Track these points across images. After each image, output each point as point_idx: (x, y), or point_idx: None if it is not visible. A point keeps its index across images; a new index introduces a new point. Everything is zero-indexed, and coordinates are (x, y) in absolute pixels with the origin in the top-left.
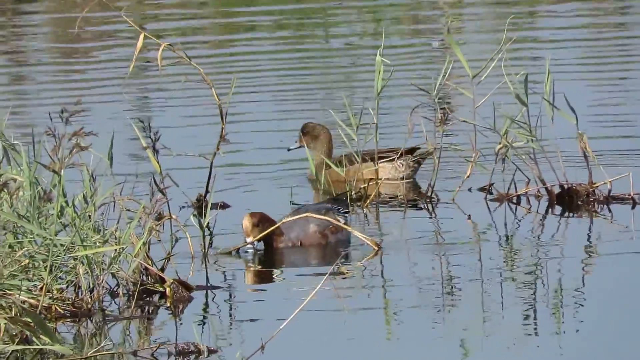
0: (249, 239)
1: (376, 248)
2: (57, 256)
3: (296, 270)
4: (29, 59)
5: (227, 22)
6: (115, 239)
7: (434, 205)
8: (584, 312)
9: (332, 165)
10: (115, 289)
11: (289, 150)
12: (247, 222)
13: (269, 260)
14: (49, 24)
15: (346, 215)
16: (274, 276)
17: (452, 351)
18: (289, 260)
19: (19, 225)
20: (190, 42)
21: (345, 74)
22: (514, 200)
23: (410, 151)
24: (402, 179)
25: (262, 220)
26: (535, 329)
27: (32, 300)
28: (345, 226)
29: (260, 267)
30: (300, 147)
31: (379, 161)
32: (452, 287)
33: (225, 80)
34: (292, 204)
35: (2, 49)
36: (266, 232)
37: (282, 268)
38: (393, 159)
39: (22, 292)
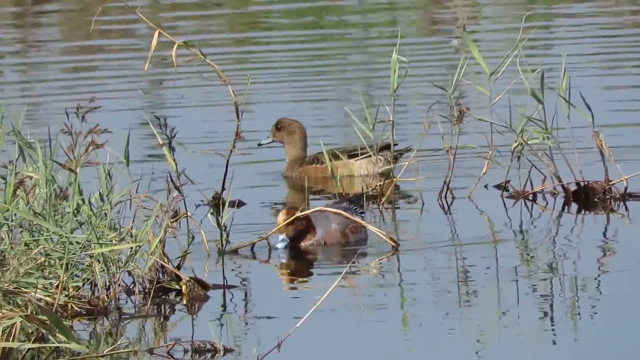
0: (281, 236)
1: (395, 246)
2: (73, 254)
3: (312, 268)
4: (45, 56)
5: (243, 21)
6: (132, 236)
7: (449, 202)
8: (600, 310)
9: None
10: (131, 287)
11: (260, 145)
12: (282, 218)
13: (285, 259)
14: (65, 22)
15: (362, 215)
16: (290, 274)
17: (468, 348)
18: (305, 259)
19: (35, 223)
20: (206, 40)
21: (362, 70)
22: (530, 198)
23: (387, 147)
24: (381, 174)
25: (296, 217)
26: (552, 326)
27: (48, 298)
28: (364, 223)
29: (276, 265)
30: (272, 142)
31: (356, 158)
32: (468, 285)
33: (241, 75)
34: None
35: (18, 47)
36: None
37: (299, 266)
38: (370, 155)
39: (38, 290)
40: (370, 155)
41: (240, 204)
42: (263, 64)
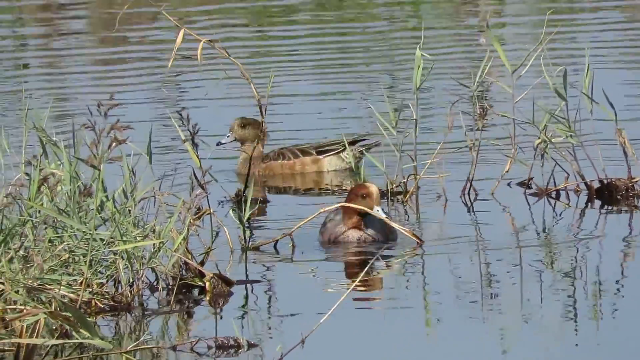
0: (378, 207)
1: (418, 242)
2: (97, 251)
3: (335, 264)
4: (70, 52)
5: (265, 13)
6: (155, 233)
7: (472, 199)
8: (623, 309)
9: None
10: (154, 284)
11: (220, 144)
12: (376, 189)
13: (307, 255)
14: (90, 21)
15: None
16: (313, 270)
17: (491, 346)
18: (328, 255)
19: (59, 219)
20: (230, 37)
21: (385, 65)
22: (553, 195)
23: (353, 142)
24: (349, 169)
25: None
26: (575, 325)
27: (72, 295)
28: (388, 220)
29: (299, 261)
30: (232, 141)
31: (324, 155)
32: (491, 282)
33: (264, 70)
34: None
35: (44, 44)
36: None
37: (322, 262)
38: (339, 151)
39: (62, 287)
40: (339, 151)
41: (263, 200)
42: (284, 58)
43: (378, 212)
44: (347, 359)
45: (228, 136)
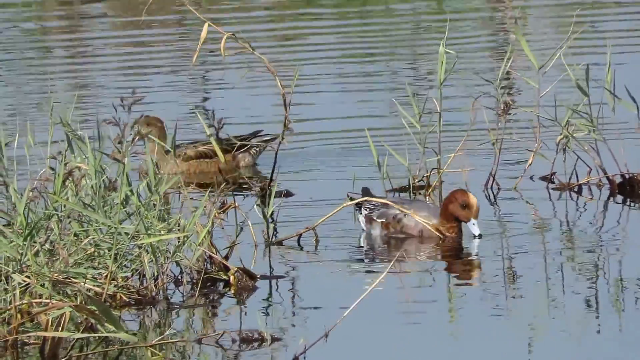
0: (475, 221)
1: (441, 237)
2: (122, 244)
3: (358, 258)
4: (93, 47)
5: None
6: (180, 227)
7: (495, 193)
8: None
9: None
10: (179, 277)
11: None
12: (477, 203)
13: (331, 250)
14: (115, 13)
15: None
16: (336, 265)
17: (515, 338)
18: (351, 250)
19: (85, 214)
20: (254, 30)
21: (409, 61)
22: (576, 190)
23: (253, 135)
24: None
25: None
26: (597, 317)
27: (97, 288)
28: (411, 213)
29: (322, 256)
30: (138, 139)
31: (240, 150)
32: (514, 276)
33: (288, 66)
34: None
35: (67, 37)
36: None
37: (345, 257)
38: (249, 147)
39: (87, 280)
40: (251, 147)
41: (288, 194)
42: (309, 54)
43: (474, 225)
44: (370, 353)
45: (131, 134)
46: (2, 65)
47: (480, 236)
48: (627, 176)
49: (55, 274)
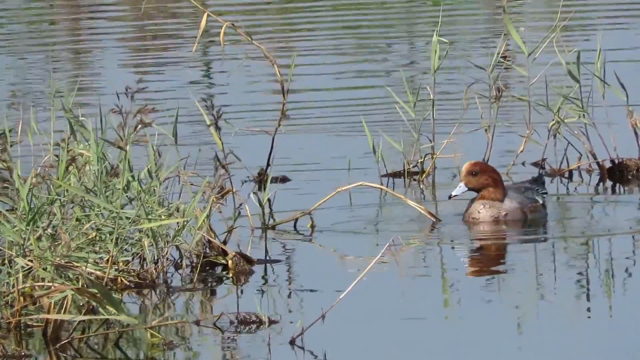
0: (461, 184)
1: (435, 220)
2: (123, 229)
3: (354, 242)
4: (95, 36)
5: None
6: (179, 212)
7: None
8: (634, 285)
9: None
10: (179, 261)
11: None
12: (465, 166)
13: (326, 233)
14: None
15: (544, 195)
16: (331, 248)
17: (506, 321)
18: (347, 233)
19: (87, 199)
20: (253, 19)
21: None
22: (566, 175)
23: None
24: None
25: (482, 171)
26: (588, 301)
27: (98, 272)
28: (403, 197)
29: (318, 240)
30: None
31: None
32: (505, 259)
33: (285, 52)
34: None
35: (69, 26)
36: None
37: (341, 240)
38: None
39: (88, 264)
40: None
41: (284, 179)
42: (305, 44)
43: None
44: (366, 334)
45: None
46: (6, 36)
47: (449, 197)
48: (616, 161)
49: (58, 258)
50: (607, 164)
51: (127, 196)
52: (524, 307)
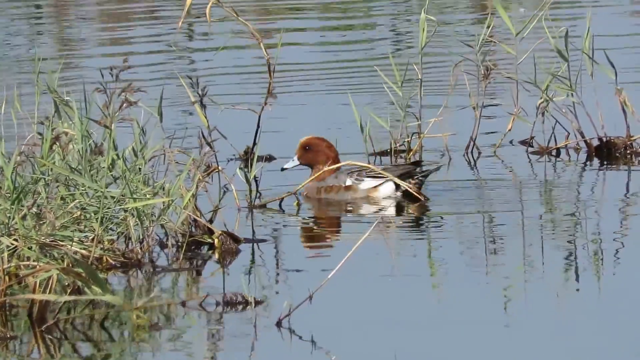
0: (294, 158)
1: (423, 199)
2: (108, 208)
3: (341, 221)
4: (78, 15)
5: None
6: (164, 191)
7: (476, 157)
8: (622, 261)
9: None
10: (164, 241)
11: None
12: (301, 140)
13: (313, 212)
14: None
15: (421, 179)
16: (318, 228)
17: (495, 298)
18: (334, 211)
19: (71, 178)
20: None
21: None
22: (554, 153)
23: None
24: None
25: (311, 144)
26: (576, 277)
27: (83, 251)
28: (392, 177)
29: (305, 219)
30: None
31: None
32: (494, 238)
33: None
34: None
35: (52, 6)
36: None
37: (328, 220)
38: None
39: (74, 243)
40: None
41: (270, 158)
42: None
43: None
44: (353, 315)
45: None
46: None
47: (282, 169)
48: (604, 139)
49: (43, 237)
50: (595, 142)
51: (112, 175)
52: (511, 281)
